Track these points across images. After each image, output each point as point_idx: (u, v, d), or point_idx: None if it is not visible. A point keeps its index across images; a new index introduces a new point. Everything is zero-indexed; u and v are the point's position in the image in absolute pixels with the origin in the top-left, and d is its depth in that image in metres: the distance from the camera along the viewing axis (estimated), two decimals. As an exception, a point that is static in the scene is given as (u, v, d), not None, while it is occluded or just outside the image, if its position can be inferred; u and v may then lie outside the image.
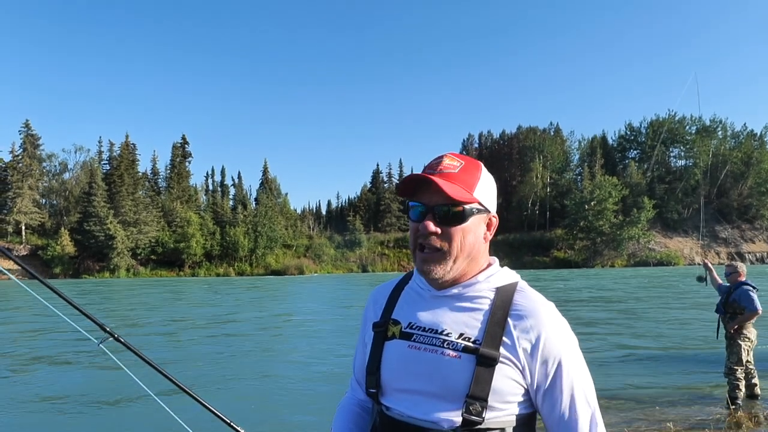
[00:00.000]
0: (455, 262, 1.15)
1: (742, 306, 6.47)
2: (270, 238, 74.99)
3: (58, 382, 8.79)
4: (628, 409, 6.60)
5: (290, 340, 13.58)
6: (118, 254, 66.18)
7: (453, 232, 1.14)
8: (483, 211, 1.18)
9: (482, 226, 1.19)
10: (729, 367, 6.57)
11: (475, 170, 1.17)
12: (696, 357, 9.89)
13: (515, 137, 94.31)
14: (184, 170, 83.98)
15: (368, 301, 1.37)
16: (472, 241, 1.16)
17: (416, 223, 1.17)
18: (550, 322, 1.12)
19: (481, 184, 1.17)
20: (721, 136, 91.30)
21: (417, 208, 1.17)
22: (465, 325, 1.14)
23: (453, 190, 1.11)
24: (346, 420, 1.34)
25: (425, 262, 1.16)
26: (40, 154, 77.87)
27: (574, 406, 1.11)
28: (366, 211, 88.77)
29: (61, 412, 7.06)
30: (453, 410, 1.10)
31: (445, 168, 1.15)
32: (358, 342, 1.39)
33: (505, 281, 1.20)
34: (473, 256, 1.18)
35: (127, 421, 6.63)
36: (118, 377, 6.36)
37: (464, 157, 1.19)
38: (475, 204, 1.15)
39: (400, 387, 1.17)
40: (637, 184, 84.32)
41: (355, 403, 1.38)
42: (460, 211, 1.13)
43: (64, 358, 10.87)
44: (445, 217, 1.13)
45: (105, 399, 7.60)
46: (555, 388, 1.11)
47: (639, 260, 76.07)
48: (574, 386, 1.11)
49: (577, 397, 1.11)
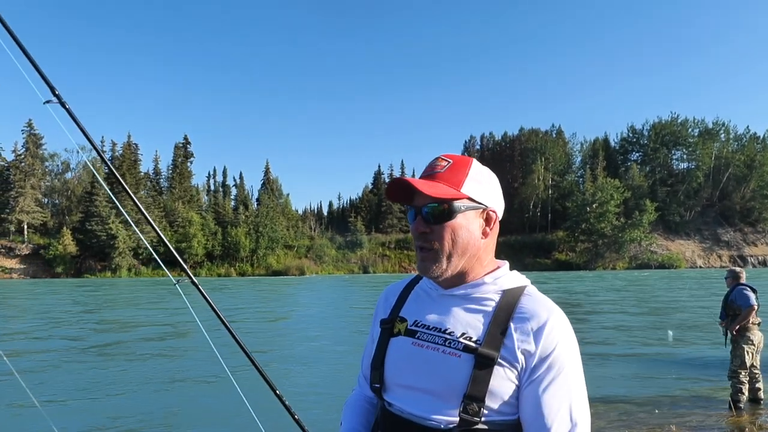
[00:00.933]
0: (449, 260, 1.16)
1: (739, 305, 6.49)
2: (271, 238, 74.99)
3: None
4: (629, 412, 6.59)
5: (293, 339, 13.58)
6: (120, 254, 66.30)
7: (441, 229, 1.15)
8: (475, 206, 1.17)
9: (477, 221, 1.18)
10: (732, 370, 6.56)
11: (463, 166, 1.17)
12: (698, 360, 9.85)
13: (517, 139, 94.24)
14: (186, 170, 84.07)
15: (379, 299, 1.39)
16: (466, 237, 1.16)
17: (411, 226, 1.20)
18: (552, 328, 1.10)
19: (470, 179, 1.16)
20: (724, 139, 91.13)
21: (411, 211, 1.20)
22: (468, 325, 1.15)
23: (433, 189, 1.12)
24: (355, 415, 1.35)
25: (422, 262, 1.18)
26: (43, 154, 78.10)
27: (555, 417, 1.07)
28: (367, 212, 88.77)
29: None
30: (451, 409, 1.10)
31: (434, 169, 1.17)
32: (368, 339, 1.39)
33: (513, 284, 1.20)
34: (472, 253, 1.18)
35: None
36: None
37: (455, 156, 1.19)
38: (463, 200, 1.15)
39: (402, 383, 1.18)
40: (639, 186, 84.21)
41: (364, 399, 1.38)
42: (445, 209, 1.14)
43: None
44: (432, 216, 1.15)
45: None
46: (543, 393, 1.08)
47: (641, 263, 75.98)
48: (563, 398, 1.08)
49: (562, 410, 1.07)
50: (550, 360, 1.09)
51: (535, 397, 1.08)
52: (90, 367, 9.87)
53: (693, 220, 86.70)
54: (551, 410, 1.07)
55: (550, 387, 1.08)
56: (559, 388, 1.08)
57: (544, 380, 1.08)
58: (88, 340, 13.39)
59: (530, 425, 1.09)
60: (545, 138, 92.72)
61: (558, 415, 1.07)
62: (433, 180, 1.15)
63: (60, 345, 12.60)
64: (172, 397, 7.78)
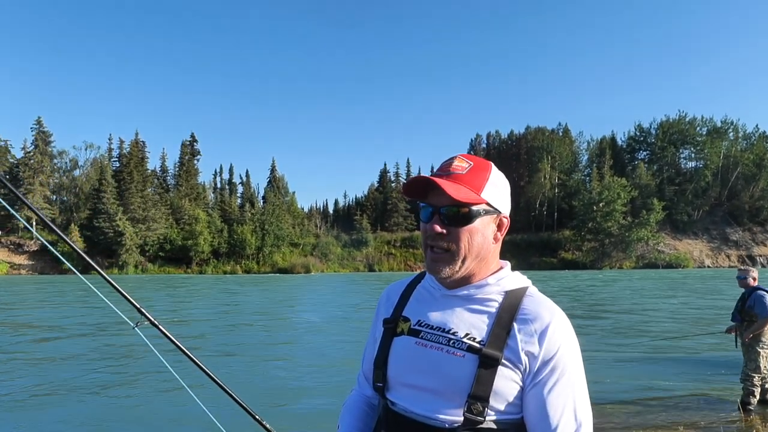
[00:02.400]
0: (463, 263, 1.17)
1: (756, 312, 6.31)
2: (277, 236, 75.10)
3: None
4: (636, 413, 6.55)
5: (298, 335, 13.59)
6: (127, 251, 66.59)
7: (459, 233, 1.15)
8: (492, 212, 1.18)
9: (491, 227, 1.20)
10: (746, 373, 6.45)
11: (484, 171, 1.18)
12: (707, 360, 9.79)
13: (523, 137, 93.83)
14: (193, 168, 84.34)
15: (381, 298, 1.39)
16: (480, 242, 1.17)
17: (425, 224, 1.19)
18: (554, 329, 1.12)
19: (489, 184, 1.17)
20: (733, 138, 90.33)
21: (426, 209, 1.18)
22: (472, 325, 1.16)
23: (458, 192, 1.12)
24: (353, 419, 1.35)
25: (434, 262, 1.18)
26: (52, 151, 78.53)
27: (561, 418, 1.09)
28: (373, 211, 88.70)
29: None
30: (455, 408, 1.11)
31: (454, 169, 1.16)
32: (369, 338, 1.40)
33: (515, 285, 1.21)
34: (482, 257, 1.19)
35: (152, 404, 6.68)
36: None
37: (474, 158, 1.19)
38: (482, 205, 1.15)
39: (406, 382, 1.19)
40: (647, 185, 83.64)
41: (362, 401, 1.39)
42: (466, 213, 1.14)
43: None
44: (451, 219, 1.15)
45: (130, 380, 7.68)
46: (548, 394, 1.10)
47: (648, 262, 75.46)
48: (567, 399, 1.10)
49: (566, 410, 1.10)
50: (553, 362, 1.10)
51: (539, 399, 1.10)
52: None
53: (701, 220, 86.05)
54: (556, 411, 1.08)
55: (554, 388, 1.09)
56: (563, 389, 1.10)
57: (548, 382, 1.10)
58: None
59: (535, 426, 1.10)
60: (552, 136, 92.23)
61: (563, 416, 1.08)
62: (455, 181, 1.14)
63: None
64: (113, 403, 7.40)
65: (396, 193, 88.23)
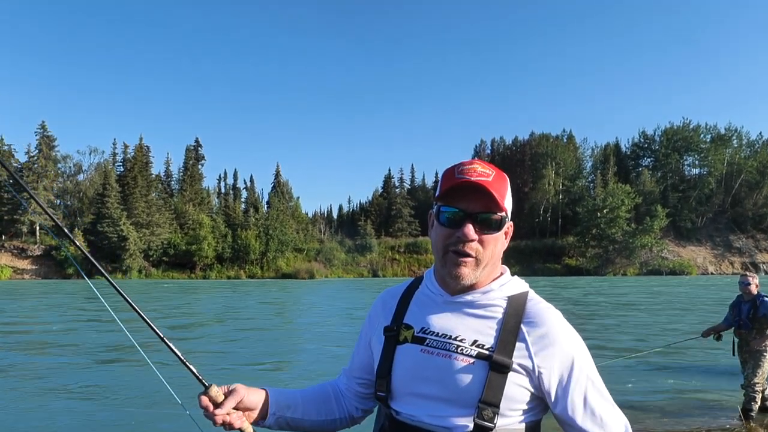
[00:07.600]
0: (484, 269, 1.17)
1: None
2: (281, 241, 75.11)
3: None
4: (637, 419, 6.54)
5: (300, 342, 13.62)
6: (131, 255, 66.67)
7: (489, 239, 1.15)
8: (509, 220, 1.20)
9: (503, 234, 1.21)
10: (749, 380, 6.38)
11: (505, 180, 1.19)
12: (706, 367, 9.77)
13: (528, 144, 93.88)
14: (197, 173, 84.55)
15: (376, 303, 1.37)
16: (499, 249, 1.19)
17: (450, 229, 1.16)
18: (561, 330, 1.15)
19: (509, 193, 1.20)
20: (737, 145, 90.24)
21: (456, 213, 1.15)
22: (478, 332, 1.15)
23: (501, 200, 1.15)
24: (313, 391, 1.42)
25: (458, 267, 1.15)
26: (55, 156, 78.69)
27: (592, 405, 1.12)
28: (377, 216, 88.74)
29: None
30: (465, 415, 1.11)
31: (481, 175, 1.14)
32: (359, 338, 1.40)
33: (517, 290, 1.22)
34: (494, 263, 1.21)
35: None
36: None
37: (492, 166, 1.20)
38: (505, 213, 1.17)
39: (413, 391, 1.18)
40: (650, 192, 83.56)
41: (331, 386, 1.44)
42: (498, 220, 1.15)
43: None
44: (486, 225, 1.15)
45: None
46: (571, 391, 1.12)
47: (651, 269, 75.27)
48: (588, 387, 1.13)
49: (592, 397, 1.13)
50: (570, 363, 1.13)
51: (570, 398, 1.12)
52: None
53: (705, 227, 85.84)
54: (595, 410, 1.12)
55: (578, 383, 1.13)
56: (587, 380, 1.13)
57: (576, 386, 1.13)
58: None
59: (581, 424, 1.12)
60: (556, 143, 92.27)
61: (597, 404, 1.13)
62: (489, 188, 1.14)
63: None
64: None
65: (400, 198, 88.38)
